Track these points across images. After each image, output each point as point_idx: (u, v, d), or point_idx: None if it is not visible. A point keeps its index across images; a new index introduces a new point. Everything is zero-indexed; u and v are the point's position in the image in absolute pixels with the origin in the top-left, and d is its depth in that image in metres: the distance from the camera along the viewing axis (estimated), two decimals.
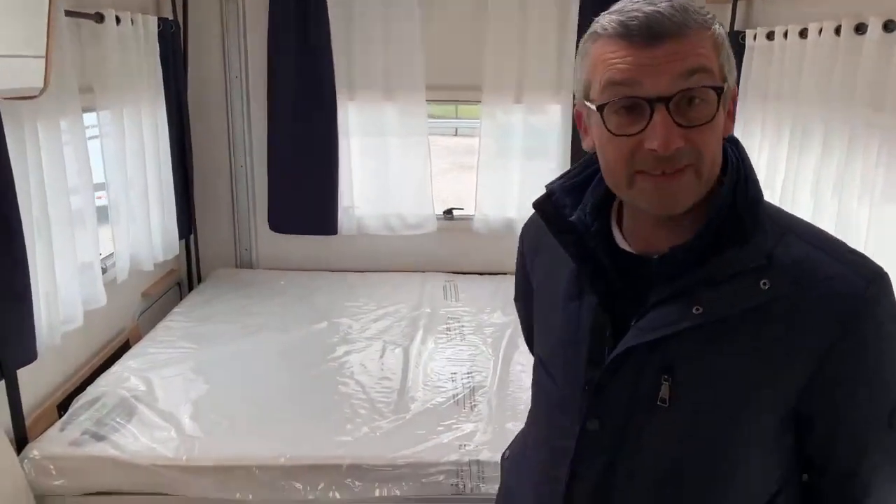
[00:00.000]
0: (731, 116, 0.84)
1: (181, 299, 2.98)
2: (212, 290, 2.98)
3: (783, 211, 0.88)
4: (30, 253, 1.79)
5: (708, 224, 0.83)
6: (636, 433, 0.87)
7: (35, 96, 1.50)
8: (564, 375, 0.93)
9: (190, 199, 3.01)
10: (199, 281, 3.17)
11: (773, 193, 2.25)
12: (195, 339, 2.49)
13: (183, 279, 3.15)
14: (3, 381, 1.74)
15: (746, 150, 0.90)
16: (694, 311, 0.81)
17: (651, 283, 0.85)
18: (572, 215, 0.92)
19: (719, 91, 0.78)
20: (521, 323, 1.21)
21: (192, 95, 2.99)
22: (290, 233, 3.18)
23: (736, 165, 0.85)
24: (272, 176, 3.12)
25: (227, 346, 2.45)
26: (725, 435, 0.84)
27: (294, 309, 2.80)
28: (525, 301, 1.12)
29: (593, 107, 0.81)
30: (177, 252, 2.87)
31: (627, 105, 0.79)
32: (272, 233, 3.19)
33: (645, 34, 0.77)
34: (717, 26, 0.80)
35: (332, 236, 3.16)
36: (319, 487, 1.77)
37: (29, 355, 1.80)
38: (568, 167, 2.96)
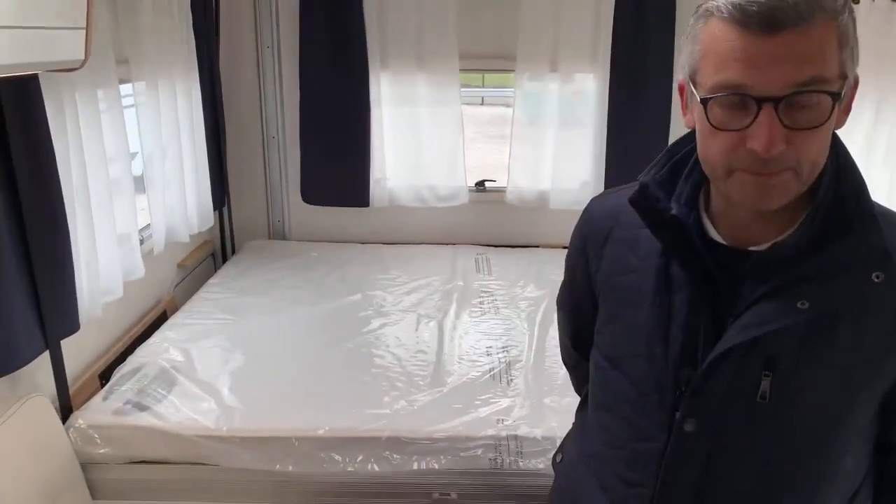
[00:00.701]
0: (846, 109, 0.79)
1: (215, 270, 2.99)
2: (245, 262, 2.99)
3: (879, 203, 0.84)
4: (70, 224, 1.80)
5: (812, 217, 0.80)
6: (735, 432, 0.85)
7: (76, 68, 1.49)
8: (649, 375, 0.90)
9: (223, 170, 3.02)
10: (233, 252, 3.19)
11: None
12: (230, 310, 2.51)
13: (217, 250, 3.17)
14: (47, 352, 1.76)
15: None
16: (799, 305, 0.79)
17: (742, 277, 0.83)
18: (666, 207, 0.87)
19: (836, 97, 0.73)
20: (567, 325, 1.15)
21: (225, 66, 2.98)
22: (322, 205, 3.17)
23: (836, 156, 0.81)
24: (304, 147, 3.11)
25: (263, 317, 2.46)
26: (827, 430, 0.83)
27: (327, 281, 2.80)
28: (579, 303, 1.06)
29: (698, 97, 0.77)
30: (211, 223, 2.88)
31: (734, 101, 0.74)
32: (304, 204, 3.19)
33: (764, 22, 0.71)
34: (845, 15, 0.73)
35: (364, 208, 3.15)
36: (358, 460, 1.78)
37: (72, 326, 1.82)
38: (604, 138, 2.99)
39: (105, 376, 2.06)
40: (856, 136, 2.05)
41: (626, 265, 0.94)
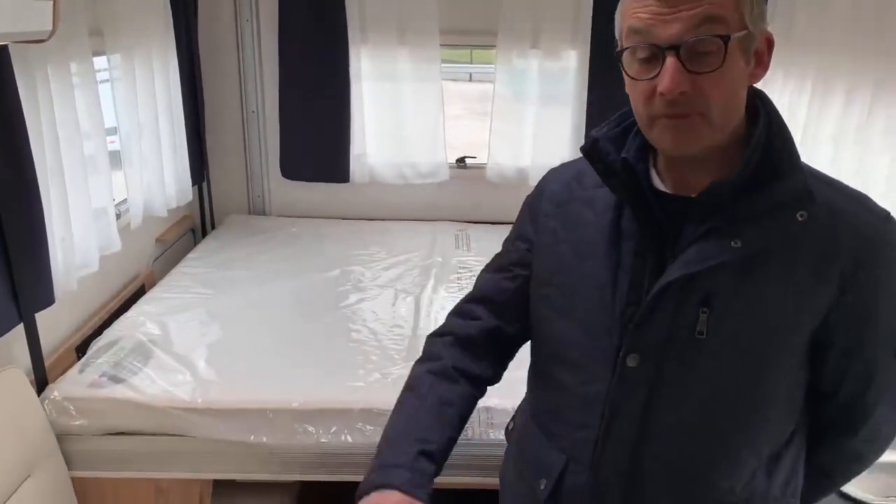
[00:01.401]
0: (762, 64, 0.88)
1: (195, 245, 2.99)
2: (225, 237, 3.00)
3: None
4: (44, 199, 1.80)
5: (747, 162, 0.87)
6: (675, 367, 0.91)
7: (44, 40, 1.48)
8: (599, 319, 0.96)
9: (202, 144, 3.00)
10: (213, 227, 3.19)
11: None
12: (209, 284, 2.52)
13: (197, 225, 3.17)
14: (22, 325, 1.76)
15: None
16: (733, 244, 0.86)
17: (684, 223, 0.91)
18: (616, 158, 0.95)
19: (726, 39, 0.81)
20: (485, 285, 1.15)
21: (203, 39, 2.95)
22: (302, 180, 3.17)
23: (767, 112, 0.90)
24: (284, 122, 3.10)
25: (241, 291, 2.47)
26: (761, 363, 0.90)
27: (307, 256, 2.81)
28: (512, 265, 1.10)
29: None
30: (190, 198, 2.87)
31: (646, 52, 0.85)
32: (285, 180, 3.19)
33: None
34: None
35: (344, 184, 3.15)
36: (332, 431, 1.81)
37: (46, 299, 1.83)
38: (584, 115, 3.00)
39: (82, 350, 2.07)
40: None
41: (583, 221, 1.01)
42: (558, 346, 1.03)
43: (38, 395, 1.77)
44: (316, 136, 3.08)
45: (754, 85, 0.91)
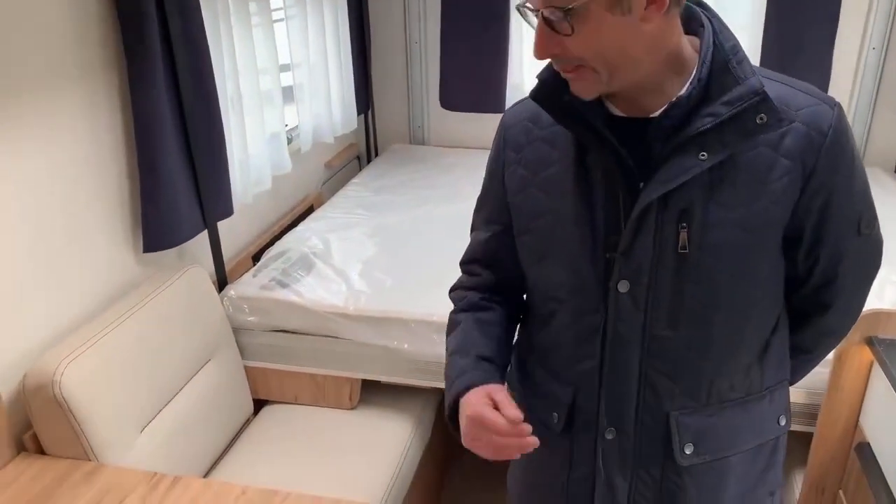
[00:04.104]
0: (656, 4, 0.84)
1: (359, 171, 3.22)
2: (386, 164, 3.19)
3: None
4: (225, 125, 2.03)
5: (698, 77, 0.89)
6: (665, 285, 0.95)
7: None
8: (581, 254, 0.98)
9: (368, 76, 3.18)
10: (376, 155, 3.39)
11: None
12: (369, 207, 2.72)
13: (362, 153, 3.39)
14: (206, 232, 2.04)
15: None
16: (700, 157, 0.89)
17: (649, 145, 0.92)
18: (563, 96, 0.95)
19: (565, 10, 0.82)
20: (481, 242, 1.17)
21: None
22: (460, 110, 3.26)
23: (711, 24, 0.91)
24: (445, 53, 3.19)
25: (396, 214, 2.65)
26: (745, 266, 0.94)
27: (460, 184, 2.91)
28: (499, 210, 1.11)
29: None
30: (355, 126, 3.08)
31: (528, 11, 0.88)
32: (444, 111, 3.30)
33: None
34: None
35: (500, 115, 3.19)
36: None
37: (226, 210, 2.09)
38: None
39: (257, 258, 2.36)
40: None
41: (548, 160, 1.01)
42: (547, 288, 1.06)
43: (219, 293, 2.05)
44: (475, 67, 3.14)
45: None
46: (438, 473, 2.35)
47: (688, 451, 1.01)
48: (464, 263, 1.24)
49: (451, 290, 1.25)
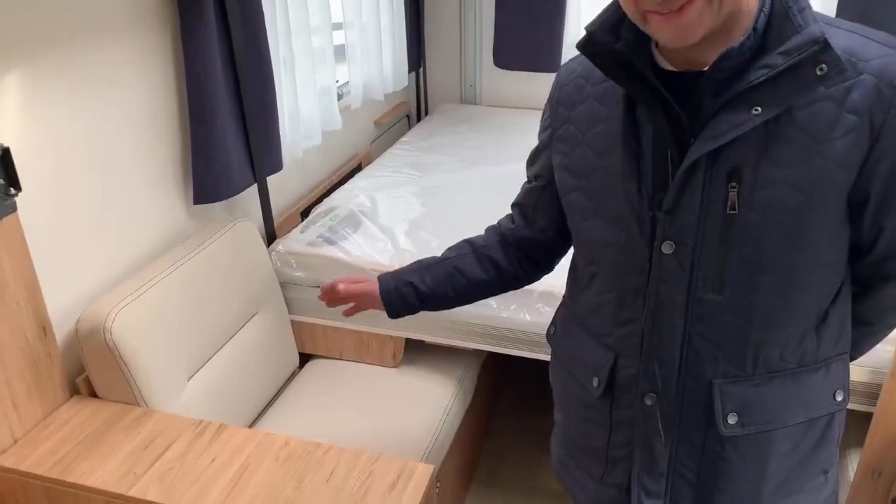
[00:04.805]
0: None
1: (409, 130, 3.19)
2: (436, 123, 3.16)
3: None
4: (276, 82, 2.03)
5: (754, 27, 0.82)
6: (712, 247, 0.90)
7: None
8: (628, 211, 0.95)
9: (421, 33, 3.13)
10: (427, 114, 3.36)
11: None
12: (417, 166, 2.70)
13: (412, 111, 3.36)
14: (256, 186, 2.05)
15: None
16: (753, 112, 0.82)
17: (700, 100, 0.86)
18: (613, 47, 0.91)
19: None
20: (526, 191, 1.23)
21: None
22: (513, 69, 3.19)
23: None
24: (499, 11, 3.11)
25: (444, 174, 2.62)
26: (799, 230, 0.87)
27: (509, 145, 2.87)
28: (544, 166, 1.12)
29: None
30: (405, 84, 3.04)
31: None
32: (496, 70, 3.23)
33: None
34: None
35: (553, 74, 3.11)
36: (511, 308, 1.92)
37: (276, 165, 2.10)
38: None
39: (305, 214, 2.37)
40: None
41: (598, 118, 0.98)
42: (592, 247, 1.04)
43: (267, 247, 2.07)
44: (529, 25, 3.06)
45: None
46: (479, 435, 2.36)
47: (731, 421, 0.98)
48: (512, 205, 1.29)
49: (492, 226, 1.33)
